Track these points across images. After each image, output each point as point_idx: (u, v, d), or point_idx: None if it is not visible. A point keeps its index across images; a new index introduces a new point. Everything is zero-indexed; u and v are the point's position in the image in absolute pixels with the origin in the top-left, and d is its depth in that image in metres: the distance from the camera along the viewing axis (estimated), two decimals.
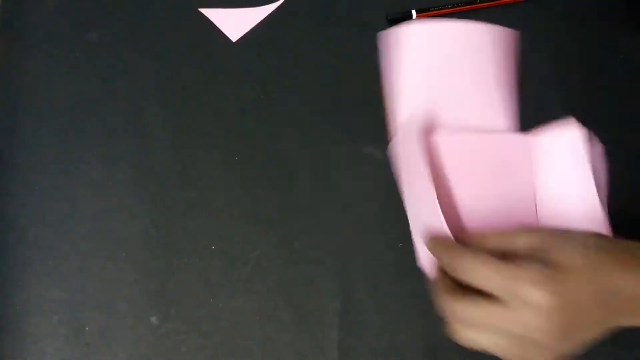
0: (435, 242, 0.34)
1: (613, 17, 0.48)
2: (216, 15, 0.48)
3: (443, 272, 0.33)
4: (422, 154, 0.35)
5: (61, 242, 0.41)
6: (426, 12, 0.47)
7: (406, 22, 0.47)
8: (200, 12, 0.48)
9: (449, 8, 0.47)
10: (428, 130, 0.38)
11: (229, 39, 0.47)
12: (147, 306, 0.40)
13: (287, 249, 0.41)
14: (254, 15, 0.48)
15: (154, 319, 0.40)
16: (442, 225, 0.33)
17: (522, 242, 0.32)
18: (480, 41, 0.39)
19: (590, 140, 0.35)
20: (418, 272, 0.41)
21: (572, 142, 0.36)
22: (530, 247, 0.31)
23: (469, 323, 0.31)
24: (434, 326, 0.40)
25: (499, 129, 0.38)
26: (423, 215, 0.36)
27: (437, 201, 0.33)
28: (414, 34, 0.39)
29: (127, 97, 0.45)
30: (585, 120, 0.36)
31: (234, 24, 0.47)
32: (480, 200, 0.38)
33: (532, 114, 0.40)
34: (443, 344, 0.40)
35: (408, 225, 0.42)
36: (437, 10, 0.47)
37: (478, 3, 0.47)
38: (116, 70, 0.46)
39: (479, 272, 0.30)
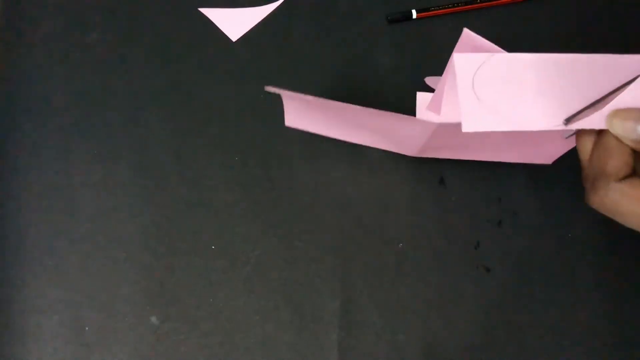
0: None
1: (614, 16, 0.48)
2: (216, 15, 0.48)
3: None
4: None
5: (61, 242, 0.41)
6: (426, 11, 0.47)
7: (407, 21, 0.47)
8: (200, 12, 0.48)
9: (449, 8, 0.47)
10: None
11: (229, 39, 0.47)
12: (147, 306, 0.40)
13: (287, 249, 0.41)
14: (254, 15, 0.48)
15: (154, 319, 0.40)
16: None
17: None
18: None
19: None
20: (418, 272, 0.41)
21: None
22: None
23: None
24: (434, 326, 0.40)
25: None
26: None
27: None
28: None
29: (127, 97, 0.45)
30: None
31: (234, 23, 0.47)
32: None
33: None
34: (443, 344, 0.40)
35: (407, 225, 0.42)
36: (437, 10, 0.47)
37: (478, 3, 0.47)
38: (116, 70, 0.46)
39: None
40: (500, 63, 0.31)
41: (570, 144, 0.37)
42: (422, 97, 0.44)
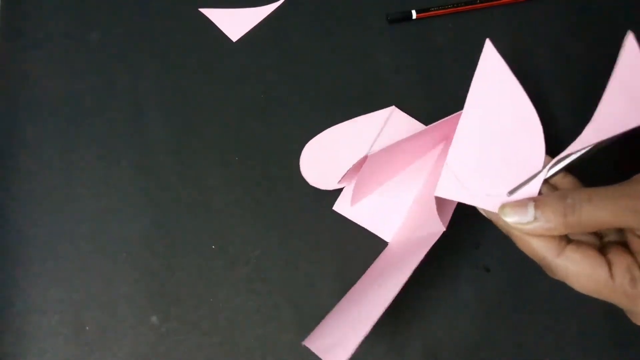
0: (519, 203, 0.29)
1: (613, 16, 0.48)
2: (216, 15, 0.48)
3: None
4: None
5: (61, 242, 0.41)
6: (426, 12, 0.47)
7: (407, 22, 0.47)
8: (200, 12, 0.48)
9: (449, 8, 0.47)
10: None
11: (229, 39, 0.47)
12: (147, 306, 0.40)
13: (287, 249, 0.41)
14: (254, 15, 0.48)
15: (154, 319, 0.40)
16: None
17: None
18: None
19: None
20: (418, 272, 0.41)
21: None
22: None
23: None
24: (434, 326, 0.40)
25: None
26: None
27: None
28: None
29: (127, 97, 0.45)
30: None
31: (234, 24, 0.47)
32: None
33: None
34: (443, 344, 0.40)
35: None
36: (437, 10, 0.47)
37: (478, 3, 0.47)
38: (116, 70, 0.46)
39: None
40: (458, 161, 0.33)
41: None
42: (340, 206, 0.42)
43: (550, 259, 0.29)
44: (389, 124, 0.43)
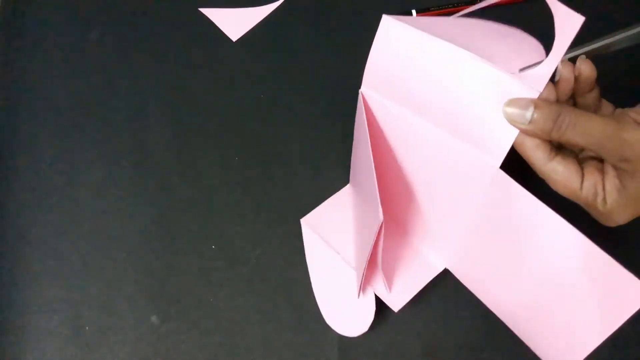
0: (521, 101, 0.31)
1: (613, 17, 0.48)
2: (216, 15, 0.48)
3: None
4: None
5: (61, 242, 0.41)
6: (426, 11, 0.47)
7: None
8: (200, 11, 0.48)
9: (449, 8, 0.47)
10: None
11: (229, 39, 0.47)
12: (147, 306, 0.40)
13: (287, 249, 0.41)
14: (254, 15, 0.48)
15: (154, 319, 0.40)
16: None
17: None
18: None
19: None
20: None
21: None
22: None
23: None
24: (434, 326, 0.40)
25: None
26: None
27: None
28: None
29: (127, 97, 0.45)
30: None
31: (234, 23, 0.47)
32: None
33: None
34: (443, 344, 0.40)
35: None
36: (437, 10, 0.47)
37: (478, 3, 0.47)
38: (116, 70, 0.46)
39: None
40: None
41: None
42: (394, 303, 0.39)
43: (539, 165, 0.33)
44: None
